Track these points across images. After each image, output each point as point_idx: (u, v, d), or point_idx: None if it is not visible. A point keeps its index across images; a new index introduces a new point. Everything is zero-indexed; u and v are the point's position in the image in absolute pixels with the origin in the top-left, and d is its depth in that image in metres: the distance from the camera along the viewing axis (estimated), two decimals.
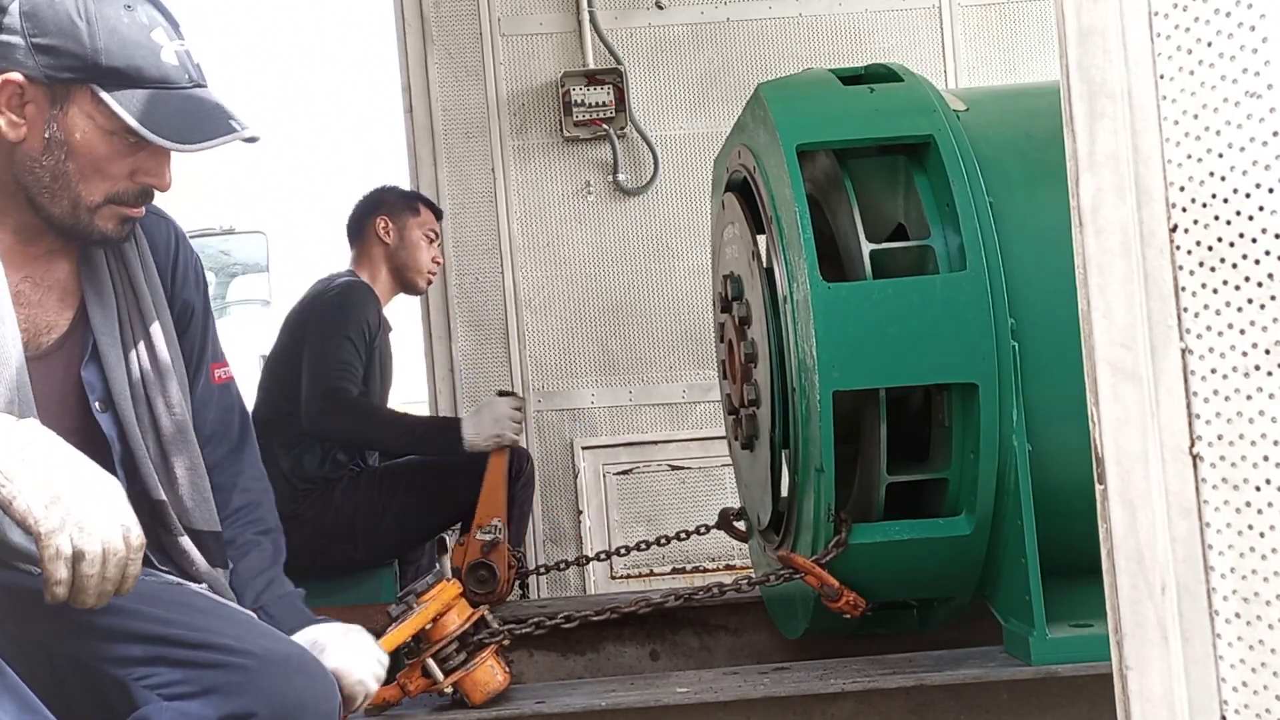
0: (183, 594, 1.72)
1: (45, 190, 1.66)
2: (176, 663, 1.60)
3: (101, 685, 1.62)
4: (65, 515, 1.41)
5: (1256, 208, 0.99)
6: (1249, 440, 1.01)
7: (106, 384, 1.74)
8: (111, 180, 1.67)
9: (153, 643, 1.61)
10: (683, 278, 4.57)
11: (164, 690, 1.58)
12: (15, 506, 1.40)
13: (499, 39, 4.63)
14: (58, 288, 1.74)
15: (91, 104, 1.63)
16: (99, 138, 1.64)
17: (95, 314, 1.74)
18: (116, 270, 1.78)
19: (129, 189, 1.69)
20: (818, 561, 2.52)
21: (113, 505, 1.45)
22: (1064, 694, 2.35)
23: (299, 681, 1.61)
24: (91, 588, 1.42)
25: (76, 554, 1.41)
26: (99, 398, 1.73)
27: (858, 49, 4.58)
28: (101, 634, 1.61)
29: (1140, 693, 1.12)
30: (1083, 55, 1.12)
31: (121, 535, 1.44)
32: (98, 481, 1.46)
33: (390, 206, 3.80)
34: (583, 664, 3.23)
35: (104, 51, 1.61)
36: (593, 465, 4.62)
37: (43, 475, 1.42)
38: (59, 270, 1.74)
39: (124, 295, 1.78)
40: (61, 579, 1.41)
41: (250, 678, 1.58)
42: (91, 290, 1.75)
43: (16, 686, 1.45)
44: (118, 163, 1.67)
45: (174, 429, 1.78)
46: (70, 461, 1.46)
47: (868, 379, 2.43)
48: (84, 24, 1.61)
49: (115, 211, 1.70)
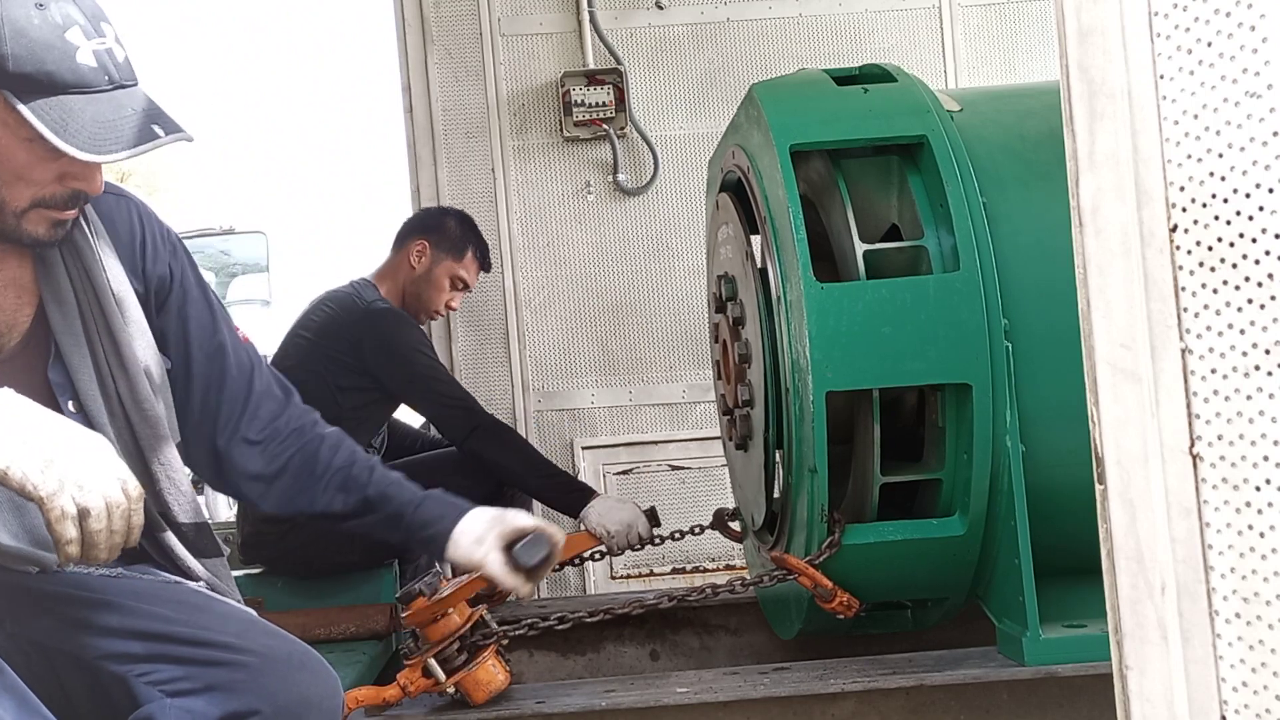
0: (181, 592, 1.72)
1: None
2: (178, 660, 1.59)
3: (103, 683, 1.62)
4: (62, 476, 1.39)
5: (1256, 208, 0.99)
6: (1249, 440, 1.01)
7: (74, 384, 1.70)
8: (37, 185, 1.60)
9: (153, 640, 1.61)
10: (683, 278, 4.57)
11: (165, 687, 1.58)
12: (11, 475, 1.39)
13: (499, 39, 4.63)
14: (13, 285, 1.69)
15: (4, 111, 1.54)
16: (16, 145, 1.56)
17: (54, 313, 1.69)
18: (72, 264, 1.71)
19: (57, 193, 1.61)
20: (811, 562, 2.52)
21: (105, 460, 1.44)
22: (1063, 694, 2.36)
23: (302, 679, 1.61)
24: (102, 542, 1.42)
25: (81, 511, 1.40)
26: (70, 397, 1.69)
27: (857, 49, 4.58)
28: (101, 631, 1.61)
29: (1140, 693, 1.12)
30: (1083, 55, 1.12)
31: (120, 487, 1.43)
32: (85, 438, 1.45)
33: (439, 236, 3.70)
34: (583, 664, 3.23)
35: (11, 57, 1.52)
36: (593, 465, 4.62)
37: (32, 441, 1.40)
38: (10, 268, 1.69)
39: (83, 290, 1.71)
40: (72, 538, 1.40)
41: (253, 675, 1.57)
42: (48, 289, 1.69)
43: (15, 685, 1.45)
44: (40, 168, 1.58)
45: (146, 424, 1.73)
46: (54, 423, 1.44)
47: (861, 379, 2.43)
48: None
49: (44, 215, 1.63)
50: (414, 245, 3.67)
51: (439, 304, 3.70)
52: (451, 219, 3.78)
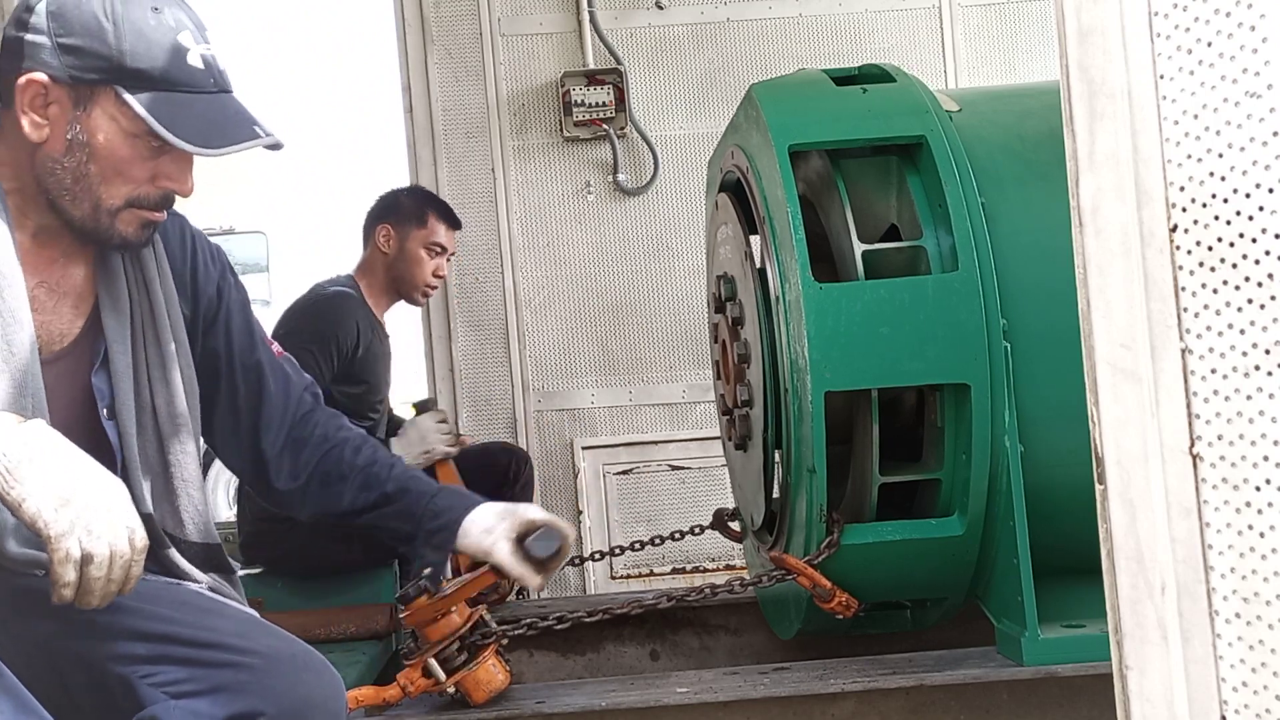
0: (183, 593, 1.72)
1: (66, 192, 1.65)
2: (182, 661, 1.60)
3: (107, 683, 1.62)
4: (74, 518, 1.41)
5: (1256, 208, 0.99)
6: (1249, 440, 1.01)
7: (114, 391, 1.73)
8: (133, 183, 1.66)
9: (157, 641, 1.61)
10: (683, 278, 4.57)
11: (170, 688, 1.58)
12: (25, 509, 1.41)
13: (499, 39, 4.63)
14: (72, 294, 1.73)
15: (115, 106, 1.62)
16: (121, 140, 1.63)
17: (109, 321, 1.73)
18: (133, 276, 1.76)
19: (150, 193, 1.67)
20: (810, 562, 2.52)
21: (118, 508, 1.45)
22: (1063, 694, 2.35)
23: (306, 679, 1.61)
24: (97, 589, 1.43)
25: (85, 557, 1.41)
26: (107, 404, 1.73)
27: (857, 49, 4.58)
28: (104, 632, 1.61)
29: (1140, 693, 1.12)
30: (1083, 55, 1.12)
31: (127, 538, 1.44)
32: (104, 483, 1.46)
33: (397, 214, 3.71)
34: (583, 664, 3.23)
35: (129, 53, 1.60)
36: (593, 465, 4.62)
37: (52, 477, 1.42)
38: (74, 276, 1.73)
39: (139, 302, 1.76)
40: (69, 581, 1.41)
41: (257, 677, 1.58)
42: (107, 296, 1.74)
43: (14, 687, 1.45)
44: (139, 166, 1.65)
45: (176, 440, 1.77)
46: (77, 463, 1.46)
47: (860, 379, 2.44)
48: (110, 25, 1.60)
49: (136, 215, 1.68)
50: (379, 233, 3.69)
51: (425, 276, 3.69)
52: (404, 195, 3.82)
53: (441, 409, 3.61)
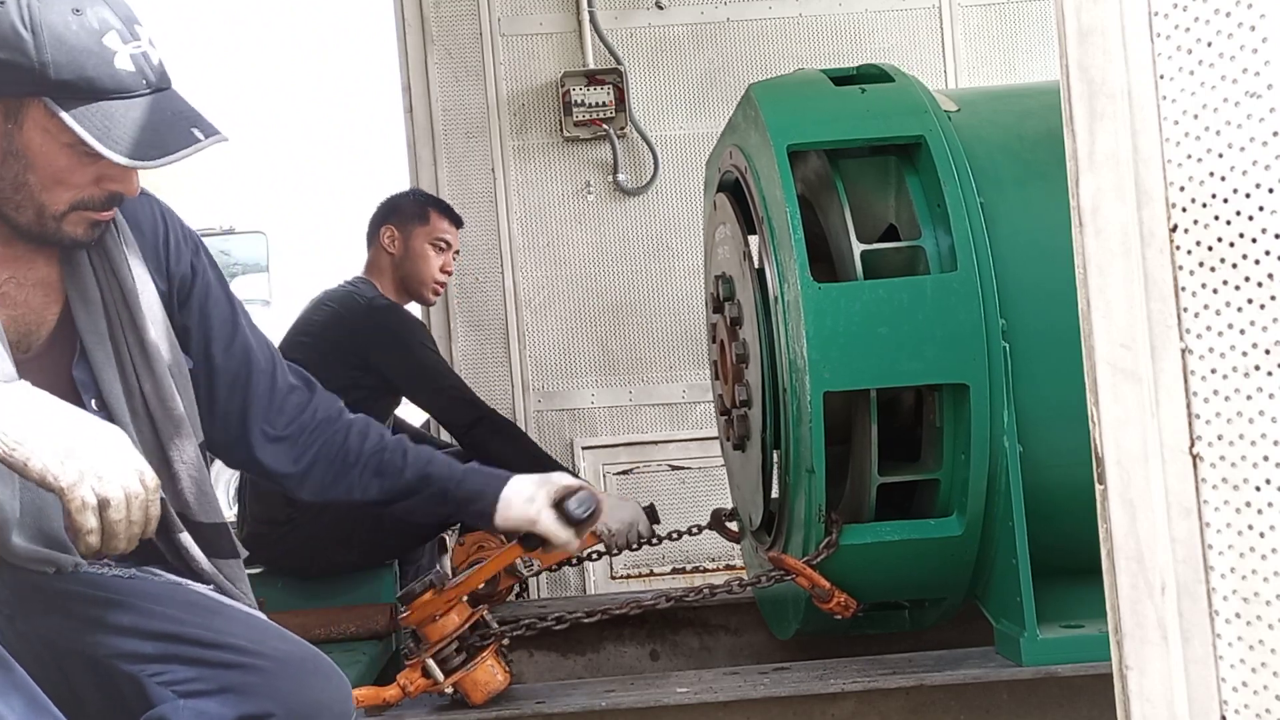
0: (188, 593, 1.72)
1: (8, 201, 1.62)
2: (191, 661, 1.59)
3: (115, 682, 1.62)
4: (82, 467, 1.40)
5: (1256, 208, 0.99)
6: (1249, 440, 1.01)
7: (98, 382, 1.72)
8: (75, 189, 1.62)
9: (165, 640, 1.61)
10: (683, 278, 4.57)
11: (178, 688, 1.58)
12: (31, 466, 1.40)
13: (499, 39, 4.63)
14: (41, 285, 1.71)
15: (45, 117, 1.56)
16: (57, 150, 1.58)
17: (79, 312, 1.71)
18: (99, 263, 1.73)
19: (95, 194, 1.63)
20: (809, 562, 2.52)
21: (123, 451, 1.45)
22: (1063, 694, 2.35)
23: (315, 682, 1.61)
24: (121, 532, 1.43)
25: (101, 502, 1.41)
26: (94, 395, 1.71)
27: (857, 49, 4.58)
28: (113, 630, 1.61)
29: (1140, 693, 1.12)
30: (1083, 55, 1.12)
31: (138, 478, 1.44)
32: (103, 430, 1.46)
33: (400, 215, 3.75)
34: (583, 664, 3.23)
35: (52, 65, 1.53)
36: (593, 465, 4.62)
37: (51, 433, 1.41)
38: (40, 268, 1.70)
39: (109, 288, 1.73)
40: (93, 528, 1.41)
41: (266, 679, 1.58)
42: (74, 288, 1.71)
43: (25, 683, 1.45)
44: (79, 172, 1.61)
45: (170, 422, 1.75)
46: (71, 415, 1.46)
47: (858, 380, 2.43)
48: (29, 35, 1.53)
49: (83, 217, 1.65)
50: (383, 235, 3.73)
51: (433, 272, 3.73)
52: (404, 197, 3.86)
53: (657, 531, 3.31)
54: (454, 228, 3.79)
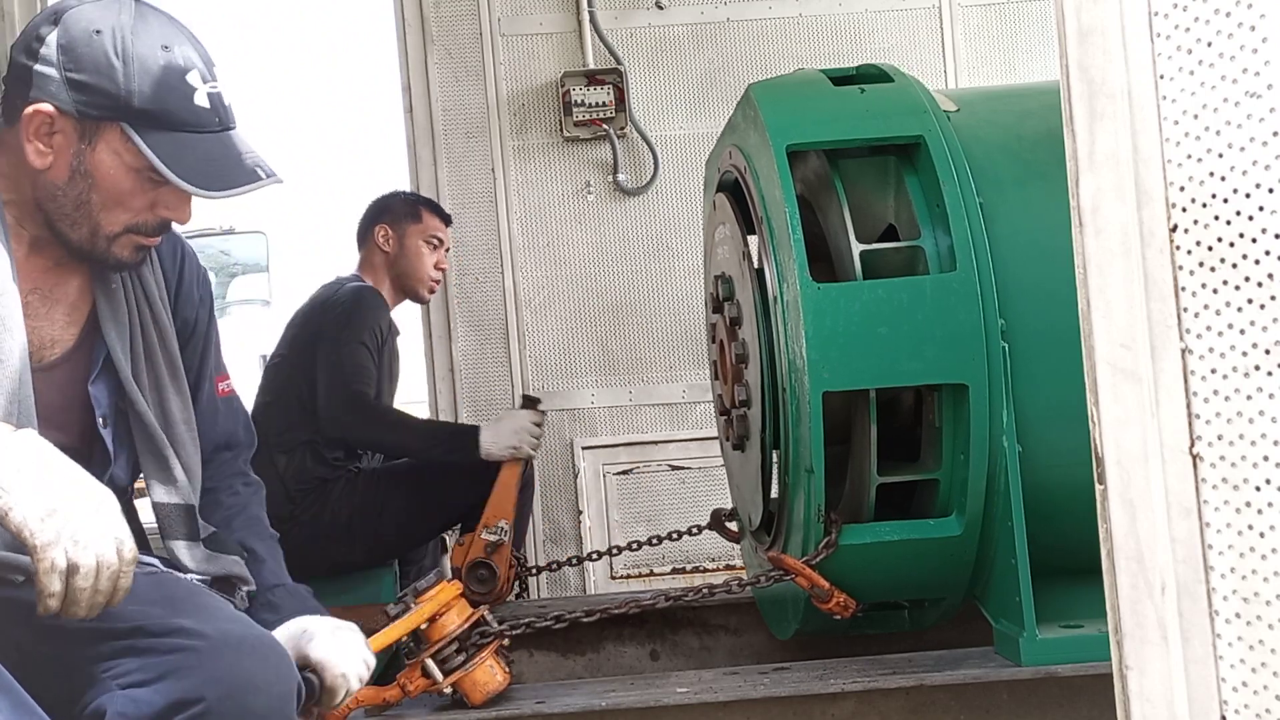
0: (165, 582, 1.71)
1: (66, 217, 1.68)
2: (141, 652, 1.58)
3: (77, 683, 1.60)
4: (61, 528, 1.40)
5: (1256, 208, 0.99)
6: (1249, 440, 1.01)
7: (114, 400, 1.75)
8: (132, 212, 1.69)
9: (124, 636, 1.59)
10: (683, 278, 4.57)
11: (121, 680, 1.57)
12: (11, 518, 1.40)
13: (499, 39, 4.63)
14: (65, 302, 1.75)
15: (120, 142, 1.64)
16: (124, 174, 1.66)
17: (109, 330, 1.75)
18: (132, 287, 1.79)
19: (149, 220, 1.71)
20: (808, 562, 2.52)
21: (107, 518, 1.44)
22: (1063, 694, 2.35)
23: (248, 664, 1.57)
24: (84, 600, 1.42)
25: (71, 567, 1.40)
26: (104, 413, 1.74)
27: (857, 49, 4.58)
28: (78, 634, 1.59)
29: (1140, 693, 1.12)
30: (1083, 55, 1.12)
31: (115, 548, 1.43)
32: (93, 493, 1.46)
33: (392, 214, 3.80)
34: (583, 664, 3.23)
35: (137, 93, 1.62)
36: (593, 465, 4.62)
37: (40, 486, 1.41)
38: (69, 285, 1.75)
39: (141, 314, 1.79)
40: (55, 591, 1.40)
41: (201, 660, 1.55)
42: (106, 306, 1.76)
43: (10, 686, 1.44)
44: (139, 196, 1.68)
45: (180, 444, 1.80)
46: (66, 472, 1.45)
47: (858, 380, 2.43)
48: (120, 63, 1.62)
49: (133, 240, 1.71)
50: (376, 234, 3.77)
51: (427, 268, 3.78)
52: (393, 197, 3.90)
53: (543, 410, 3.59)
54: (445, 225, 3.85)
